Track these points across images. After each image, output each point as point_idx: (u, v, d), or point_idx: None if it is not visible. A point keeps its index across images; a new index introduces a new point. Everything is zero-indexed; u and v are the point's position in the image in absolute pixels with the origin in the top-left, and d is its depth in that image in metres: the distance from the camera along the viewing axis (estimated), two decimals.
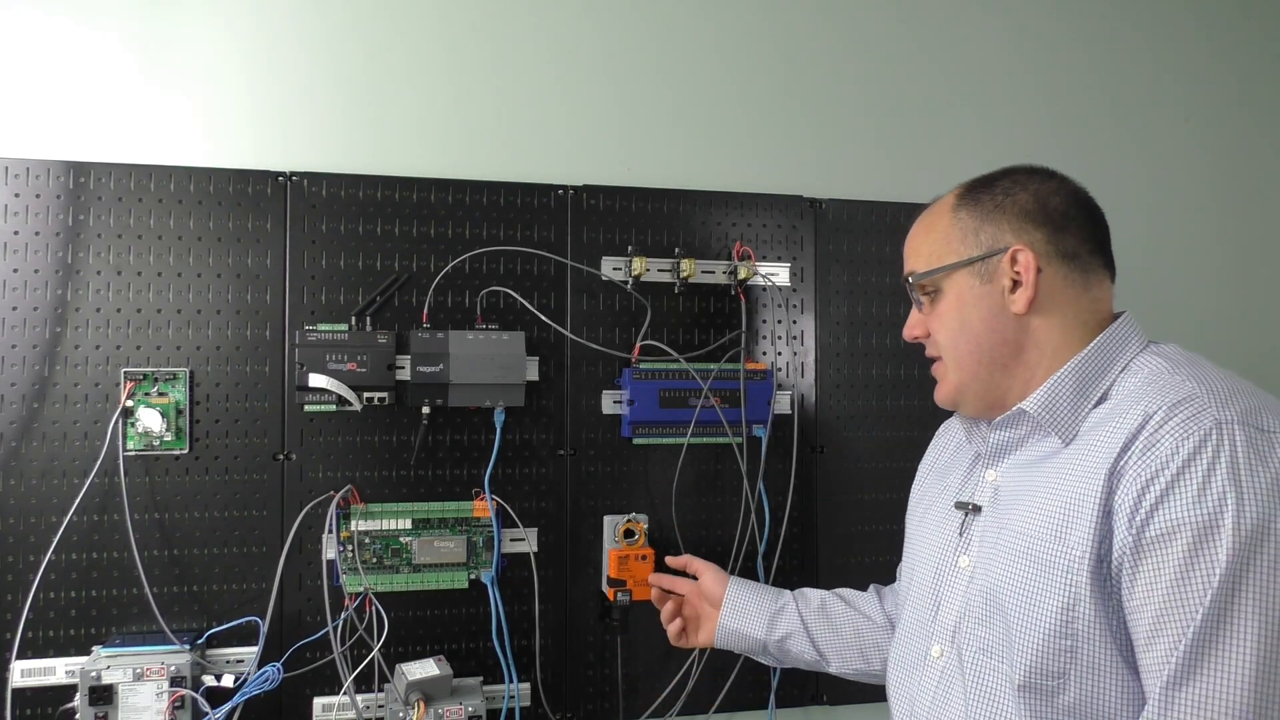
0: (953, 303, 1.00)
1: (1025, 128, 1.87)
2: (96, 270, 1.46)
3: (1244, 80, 2.02)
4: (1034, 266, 0.95)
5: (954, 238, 1.00)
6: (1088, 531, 0.84)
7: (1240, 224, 2.01)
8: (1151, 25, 1.97)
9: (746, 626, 1.32)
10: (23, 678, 1.40)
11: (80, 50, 1.51)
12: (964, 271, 0.99)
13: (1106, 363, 0.94)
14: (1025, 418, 0.97)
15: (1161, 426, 0.83)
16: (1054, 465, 0.93)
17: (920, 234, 1.06)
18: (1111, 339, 0.96)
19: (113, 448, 1.42)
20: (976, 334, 0.98)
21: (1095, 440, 0.88)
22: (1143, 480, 0.81)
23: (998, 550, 0.95)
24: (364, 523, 1.51)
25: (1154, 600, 0.80)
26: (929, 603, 1.05)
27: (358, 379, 1.47)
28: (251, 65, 1.56)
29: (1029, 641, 0.88)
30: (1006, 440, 1.00)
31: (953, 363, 1.01)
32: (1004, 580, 0.92)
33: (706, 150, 1.73)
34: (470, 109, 1.64)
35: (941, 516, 1.08)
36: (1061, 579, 0.86)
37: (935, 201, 1.07)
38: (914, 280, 1.04)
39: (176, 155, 1.52)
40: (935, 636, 1.02)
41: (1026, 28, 1.90)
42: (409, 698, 1.40)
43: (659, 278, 1.64)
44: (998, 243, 0.98)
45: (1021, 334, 0.97)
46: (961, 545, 1.02)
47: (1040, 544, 0.89)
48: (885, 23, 1.83)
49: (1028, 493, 0.94)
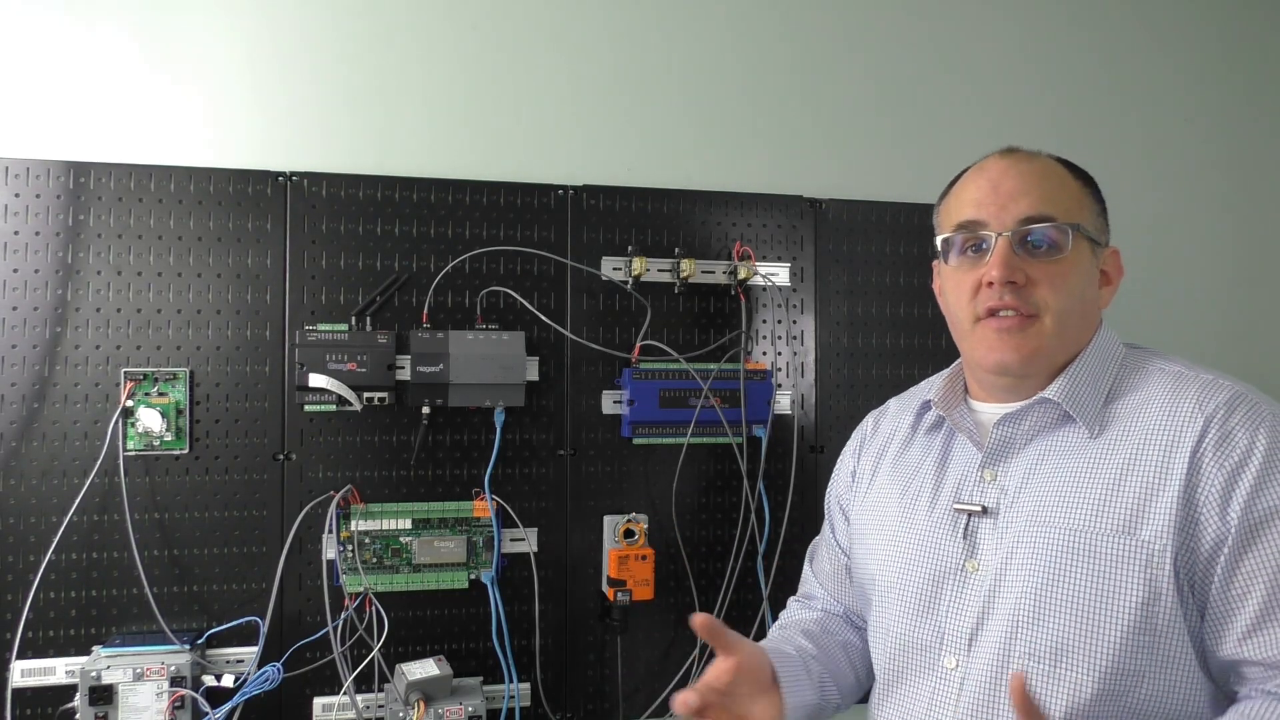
0: (1077, 267, 0.95)
1: (1026, 127, 1.86)
2: (96, 270, 1.46)
3: (1247, 81, 2.02)
4: (1122, 274, 0.99)
5: (1087, 208, 0.98)
6: (1165, 524, 0.85)
7: (1243, 224, 2.01)
8: (1152, 25, 1.97)
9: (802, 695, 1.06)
10: (23, 678, 1.40)
11: (80, 50, 1.51)
12: (1089, 246, 0.97)
13: (1106, 358, 0.97)
14: (1047, 406, 0.95)
15: (1228, 420, 0.86)
16: (1090, 456, 0.91)
17: (1052, 181, 0.98)
18: (1107, 337, 1.00)
19: (113, 448, 1.42)
20: (1086, 310, 0.98)
21: (1145, 437, 0.89)
22: (1227, 471, 0.84)
23: (1036, 550, 0.90)
24: (364, 523, 1.51)
25: (1259, 585, 0.83)
26: (928, 612, 0.98)
27: (358, 379, 1.47)
28: (252, 66, 1.56)
29: (1107, 641, 0.86)
30: (1012, 435, 0.97)
31: (1059, 324, 0.94)
32: (1057, 580, 0.88)
33: (706, 150, 1.73)
34: (471, 109, 1.64)
35: (924, 519, 1.01)
36: (1140, 573, 0.85)
37: (1030, 155, 1.00)
38: (1074, 229, 0.95)
39: (177, 155, 1.52)
40: (947, 647, 0.95)
41: (1027, 28, 1.90)
42: (409, 698, 1.40)
43: (659, 278, 1.64)
44: (1104, 235, 1.00)
45: (1091, 326, 0.99)
46: (966, 549, 0.96)
47: (1103, 539, 0.87)
48: (886, 23, 1.83)
49: (1063, 486, 0.91)
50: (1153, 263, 1.92)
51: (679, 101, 1.73)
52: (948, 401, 1.05)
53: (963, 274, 0.99)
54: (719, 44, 1.75)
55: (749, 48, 1.77)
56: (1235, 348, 1.98)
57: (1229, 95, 2.01)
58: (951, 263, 1.00)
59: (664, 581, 1.61)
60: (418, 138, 1.62)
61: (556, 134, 1.67)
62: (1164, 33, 1.98)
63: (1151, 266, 1.91)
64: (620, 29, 1.71)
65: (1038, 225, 0.94)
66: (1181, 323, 1.94)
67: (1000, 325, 0.95)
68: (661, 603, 1.61)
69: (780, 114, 1.77)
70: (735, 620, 1.63)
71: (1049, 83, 1.90)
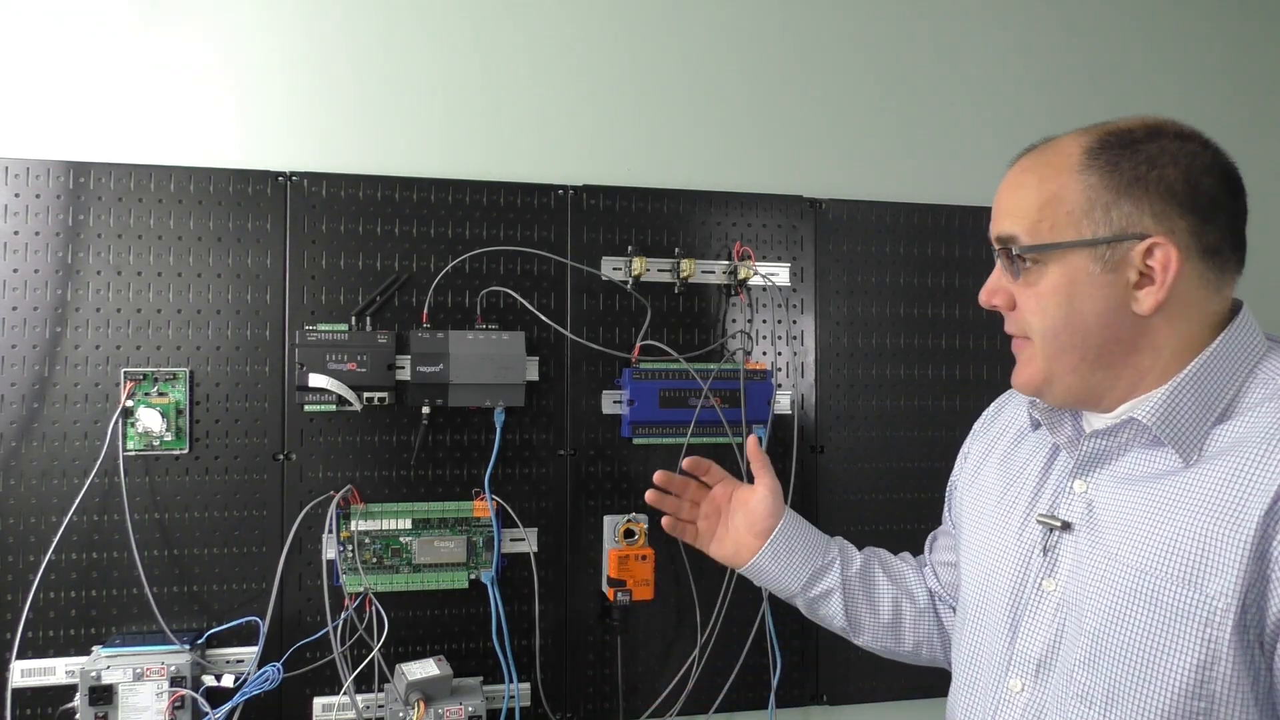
0: (1061, 284, 0.83)
1: (1026, 127, 1.86)
2: (96, 270, 1.46)
3: (1247, 81, 2.02)
4: (1175, 266, 0.80)
5: (1078, 206, 0.82)
6: (1234, 579, 0.73)
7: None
8: (1153, 25, 1.97)
9: (785, 575, 1.13)
10: (23, 678, 1.40)
11: (80, 50, 1.50)
12: (1084, 252, 0.82)
13: (1231, 368, 0.82)
14: (1137, 428, 0.83)
15: None
16: (1174, 489, 0.80)
17: (1028, 185, 0.86)
18: (1234, 340, 0.83)
19: (113, 448, 1.42)
20: (1085, 327, 0.83)
21: (1234, 468, 0.76)
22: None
23: (1103, 583, 0.82)
24: (364, 523, 1.51)
25: None
26: (1004, 626, 0.91)
27: (358, 379, 1.47)
28: (252, 65, 1.56)
29: (1154, 700, 0.77)
30: (1105, 447, 0.86)
31: (1048, 352, 0.85)
32: (1116, 623, 0.80)
33: (706, 150, 1.73)
34: (471, 109, 1.64)
35: (1017, 525, 0.94)
36: (1198, 632, 0.75)
37: (1047, 144, 0.88)
38: (1016, 251, 0.85)
39: (176, 155, 1.52)
40: (1014, 668, 0.89)
41: (1027, 28, 1.90)
42: (409, 698, 1.40)
43: (659, 278, 1.64)
44: (1133, 226, 0.81)
45: (1139, 334, 0.83)
46: (1046, 566, 0.88)
47: (1166, 586, 0.77)
48: (886, 23, 1.83)
49: (1140, 518, 0.81)
50: None
51: (679, 101, 1.73)
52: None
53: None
54: (719, 44, 1.75)
55: (749, 48, 1.77)
56: None
57: (1228, 96, 2.01)
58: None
59: (664, 581, 1.61)
60: (418, 138, 1.62)
61: (556, 134, 1.67)
62: (1164, 33, 1.98)
63: None
64: (620, 29, 1.71)
65: (1002, 247, 0.88)
66: None
67: (1014, 345, 0.91)
68: (661, 603, 1.61)
69: (780, 114, 1.77)
70: (735, 620, 1.64)
71: (1049, 83, 1.90)
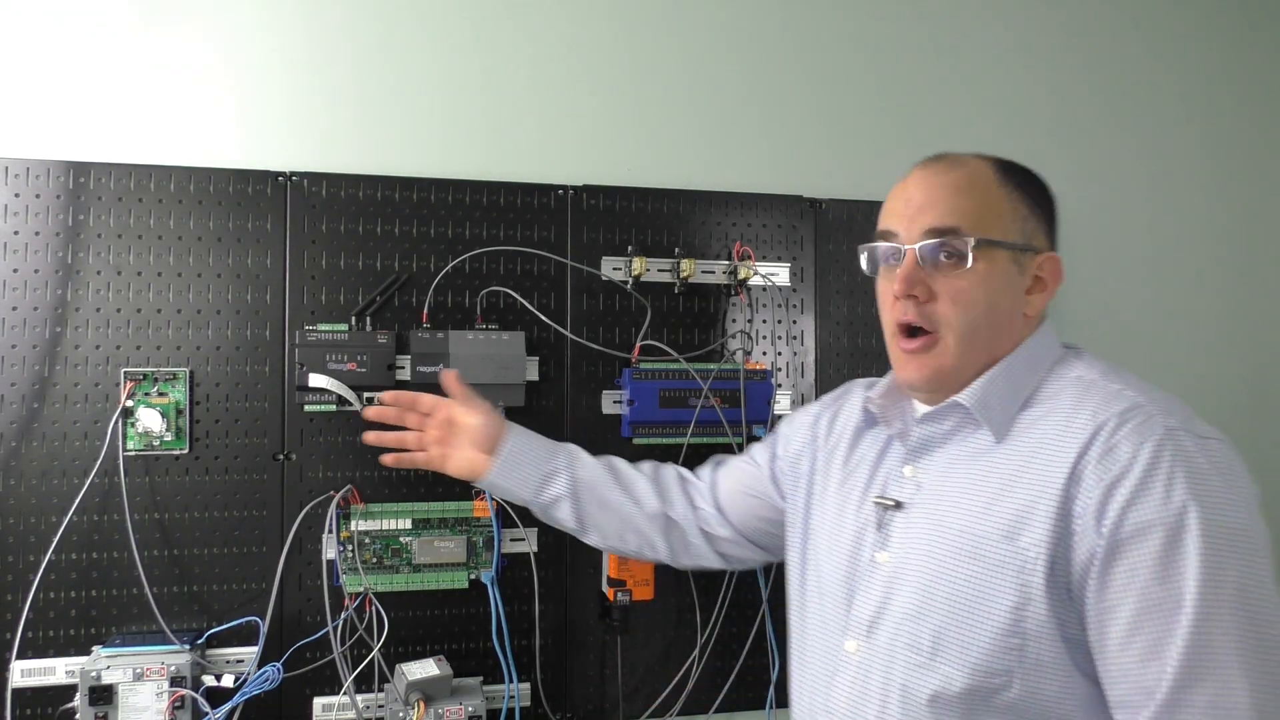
0: (986, 279, 0.95)
1: (1025, 128, 1.87)
2: (96, 270, 1.46)
3: (1247, 81, 2.02)
4: (1060, 279, 0.96)
5: (1004, 213, 0.96)
6: (1044, 533, 0.86)
7: (1241, 223, 2.01)
8: (1152, 26, 1.97)
9: (516, 486, 1.26)
10: (23, 678, 1.40)
11: (80, 50, 1.51)
12: (1005, 253, 0.95)
13: (1035, 365, 0.96)
14: (958, 411, 0.96)
15: (1116, 433, 0.85)
16: (990, 464, 0.93)
17: (963, 189, 0.97)
18: (1039, 343, 0.98)
19: (113, 448, 1.42)
20: (999, 320, 0.96)
21: (1038, 443, 0.90)
22: (1105, 484, 0.84)
23: (933, 548, 0.94)
24: (364, 523, 1.51)
25: (1130, 598, 0.82)
26: (841, 597, 1.02)
27: (358, 379, 1.48)
28: (252, 65, 1.56)
29: (976, 640, 0.88)
30: (932, 434, 0.99)
31: (963, 341, 0.95)
32: (945, 578, 0.91)
33: (706, 150, 1.73)
34: (471, 109, 1.64)
35: (853, 509, 1.05)
36: (1014, 578, 0.87)
37: (952, 157, 1.01)
38: (973, 242, 0.94)
39: (176, 155, 1.52)
40: (850, 631, 1.00)
41: (1027, 28, 1.90)
42: (409, 698, 1.40)
43: (659, 278, 1.64)
44: (1034, 240, 0.97)
45: (1018, 335, 0.97)
46: (880, 540, 1.00)
47: (986, 542, 0.89)
48: (886, 23, 1.83)
49: (962, 490, 0.94)
50: (1150, 262, 1.92)
51: (679, 101, 1.73)
52: (889, 398, 1.07)
53: (885, 284, 1.02)
54: (719, 44, 1.75)
55: (749, 48, 1.77)
56: (1234, 348, 1.98)
57: (1228, 96, 2.01)
58: (878, 272, 1.03)
59: (664, 581, 1.61)
60: (418, 138, 1.62)
61: (556, 134, 1.67)
62: (1163, 34, 1.98)
63: (1149, 265, 1.91)
64: (620, 29, 1.71)
65: (939, 239, 0.95)
66: (1181, 323, 1.94)
67: (907, 348, 0.99)
68: (661, 603, 1.61)
69: (780, 114, 1.77)
70: (735, 620, 1.64)
71: (1049, 83, 1.90)
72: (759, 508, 1.25)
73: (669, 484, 1.30)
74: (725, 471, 1.30)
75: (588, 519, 1.26)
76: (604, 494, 1.26)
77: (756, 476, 1.26)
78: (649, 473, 1.31)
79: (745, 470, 1.28)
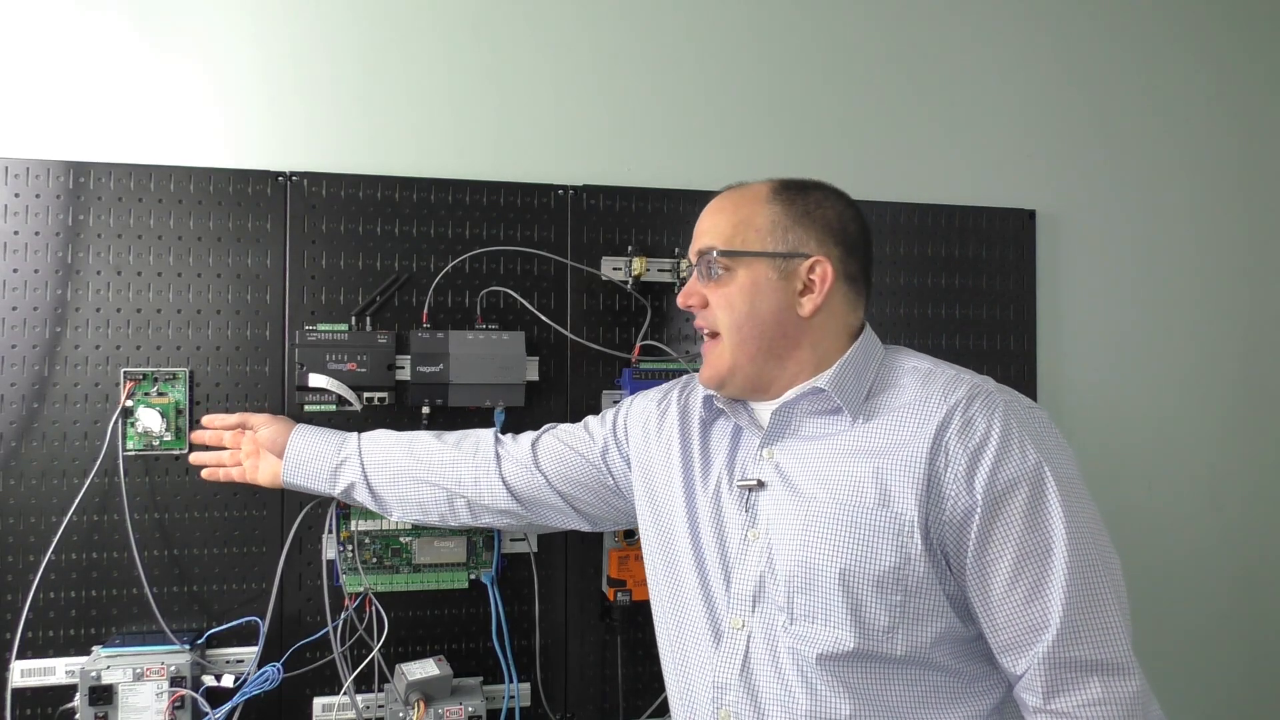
0: (746, 287, 1.08)
1: (1024, 128, 1.86)
2: (96, 270, 1.46)
3: (1258, 78, 2.02)
4: (830, 280, 1.07)
5: (763, 227, 1.08)
6: (915, 499, 0.97)
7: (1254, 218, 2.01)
8: (1152, 25, 1.97)
9: (310, 482, 1.35)
10: (23, 678, 1.40)
11: (80, 50, 1.51)
12: (765, 262, 1.07)
13: (868, 361, 1.09)
14: (817, 394, 1.06)
15: (969, 408, 0.99)
16: (850, 440, 1.04)
17: (726, 211, 1.12)
18: (867, 343, 1.11)
19: (112, 448, 1.42)
20: (763, 322, 1.07)
21: (896, 422, 1.02)
22: (970, 451, 0.97)
23: (803, 520, 1.02)
24: (364, 523, 1.51)
25: (1009, 549, 0.96)
26: (718, 578, 1.09)
27: (358, 379, 1.47)
28: (252, 65, 1.56)
29: (861, 601, 0.98)
30: (786, 419, 1.09)
31: (734, 344, 1.08)
32: (826, 549, 1.00)
33: (706, 150, 1.73)
34: (470, 109, 1.64)
35: (712, 494, 1.13)
36: (893, 540, 0.98)
37: (741, 186, 1.14)
38: (716, 255, 1.09)
39: (176, 155, 1.52)
40: (734, 609, 1.06)
41: (1027, 29, 1.90)
42: (409, 698, 1.40)
43: (659, 278, 1.64)
44: (802, 247, 1.08)
45: (801, 333, 1.08)
46: (748, 520, 1.08)
47: (863, 513, 0.99)
48: (884, 24, 1.83)
49: (825, 465, 1.04)
50: (1148, 262, 1.91)
51: (679, 102, 1.73)
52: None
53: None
54: (719, 44, 1.75)
55: (749, 48, 1.77)
56: (1243, 342, 1.98)
57: (1236, 96, 2.01)
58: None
59: None
60: (418, 138, 1.62)
61: (556, 134, 1.67)
62: (1165, 33, 1.98)
63: (1148, 265, 1.91)
64: (621, 29, 1.71)
65: (700, 256, 1.11)
66: (1180, 321, 1.94)
67: (704, 347, 1.13)
68: None
69: (780, 114, 1.77)
70: None
71: (1049, 83, 1.90)
72: (579, 467, 1.31)
73: (475, 443, 1.36)
74: (555, 431, 1.37)
75: (385, 498, 1.34)
76: (396, 471, 1.33)
77: (585, 441, 1.33)
78: (454, 440, 1.37)
79: (574, 434, 1.35)
